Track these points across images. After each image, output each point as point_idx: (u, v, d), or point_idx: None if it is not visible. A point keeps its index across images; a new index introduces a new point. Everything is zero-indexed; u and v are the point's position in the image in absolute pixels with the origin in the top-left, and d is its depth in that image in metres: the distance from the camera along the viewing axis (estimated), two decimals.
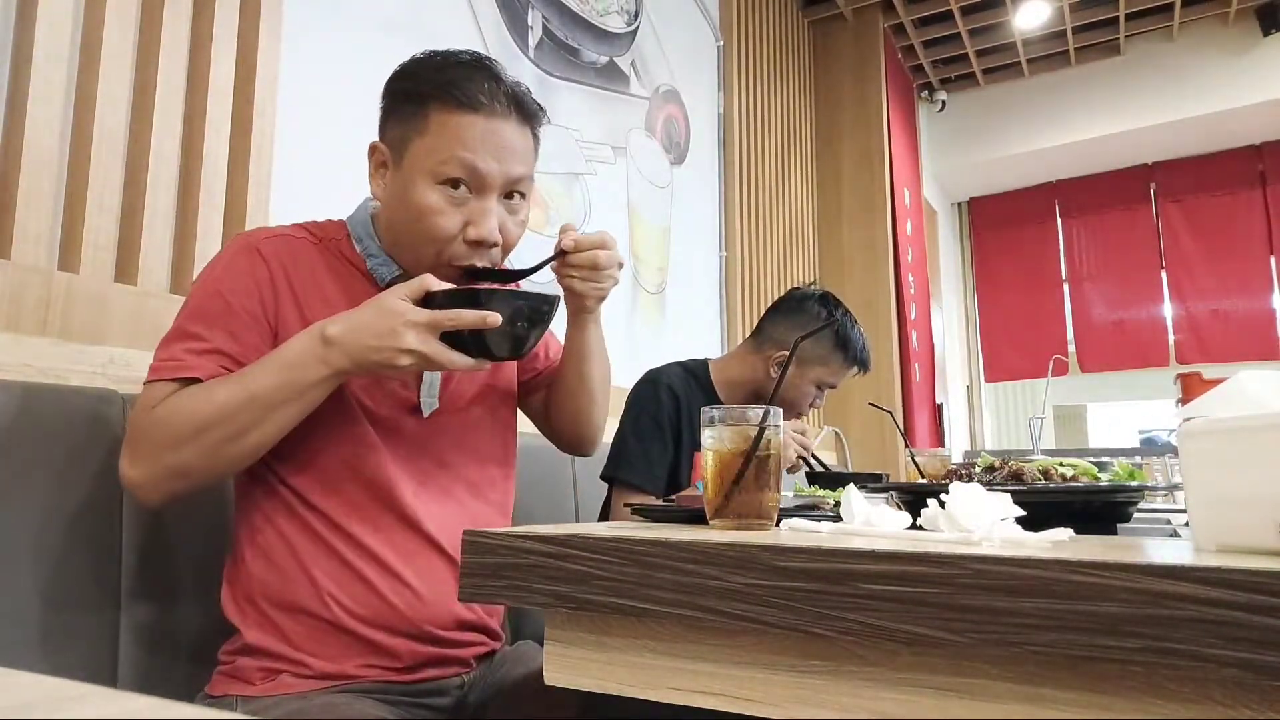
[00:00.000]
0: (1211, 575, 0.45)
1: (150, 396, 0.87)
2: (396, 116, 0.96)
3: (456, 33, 2.00)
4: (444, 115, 0.92)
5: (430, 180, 0.92)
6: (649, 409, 1.55)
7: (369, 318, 0.85)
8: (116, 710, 0.23)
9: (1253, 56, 4.42)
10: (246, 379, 0.85)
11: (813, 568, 0.56)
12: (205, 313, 0.90)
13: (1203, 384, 2.92)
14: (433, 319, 0.84)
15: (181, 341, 0.89)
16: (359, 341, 0.84)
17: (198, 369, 0.87)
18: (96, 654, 0.93)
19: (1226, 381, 0.65)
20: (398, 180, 0.95)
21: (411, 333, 0.83)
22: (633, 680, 0.66)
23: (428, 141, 0.92)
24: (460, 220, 0.94)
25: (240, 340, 0.90)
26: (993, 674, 0.54)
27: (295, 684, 0.89)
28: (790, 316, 1.66)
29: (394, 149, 0.96)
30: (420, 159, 0.93)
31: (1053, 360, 2.83)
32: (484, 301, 0.85)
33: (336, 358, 0.84)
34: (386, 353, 0.83)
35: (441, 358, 0.85)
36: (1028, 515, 0.68)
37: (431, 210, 0.92)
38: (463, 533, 0.71)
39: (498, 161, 0.93)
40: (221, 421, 0.83)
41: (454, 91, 0.92)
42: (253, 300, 0.92)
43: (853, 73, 4.11)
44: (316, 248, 0.99)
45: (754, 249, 3.33)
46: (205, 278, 0.94)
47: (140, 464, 0.85)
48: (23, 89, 1.12)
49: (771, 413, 0.81)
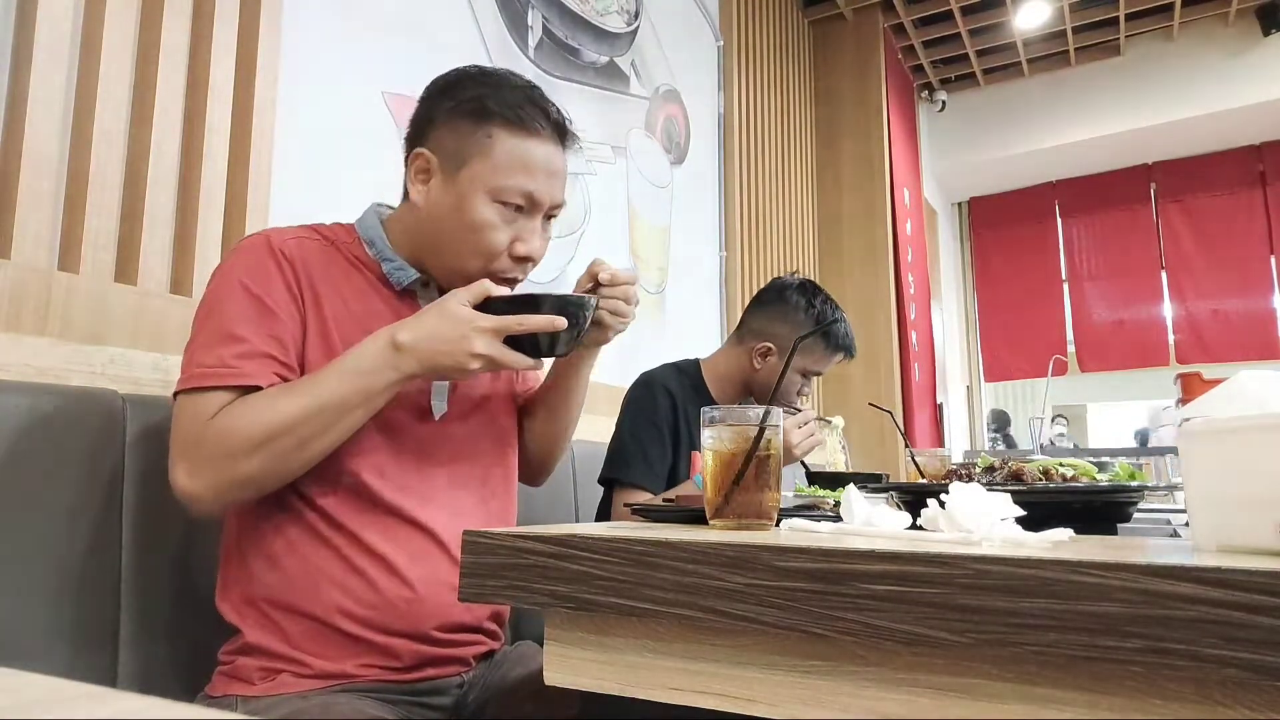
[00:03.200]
0: (1211, 575, 0.45)
1: (205, 405, 0.86)
2: (451, 129, 0.98)
3: (456, 33, 2.00)
4: (509, 138, 0.97)
5: (489, 198, 0.96)
6: (646, 410, 1.55)
7: (438, 324, 0.88)
8: (116, 710, 0.23)
9: (1253, 56, 4.42)
10: (316, 386, 0.86)
11: (813, 568, 0.56)
12: (244, 314, 0.89)
13: (1203, 384, 2.92)
14: (501, 324, 0.88)
15: (225, 345, 0.88)
16: (430, 347, 0.87)
17: (257, 376, 0.87)
18: (96, 654, 0.93)
19: (1226, 381, 0.66)
20: (450, 191, 0.97)
21: (481, 338, 0.87)
22: (633, 680, 0.66)
23: (491, 162, 0.96)
24: (510, 236, 0.98)
25: (284, 343, 0.91)
26: (993, 674, 0.54)
27: (295, 684, 0.89)
28: (771, 307, 1.67)
29: (447, 160, 0.98)
30: (482, 177, 0.96)
31: (1053, 360, 2.83)
32: (540, 306, 0.90)
33: (407, 363, 0.87)
34: (459, 356, 0.87)
35: (508, 359, 0.89)
36: (1028, 515, 0.68)
37: (488, 226, 0.96)
38: (463, 533, 0.71)
39: (549, 187, 1.00)
40: (291, 429, 0.84)
41: (520, 115, 0.97)
42: (288, 301, 0.92)
43: (853, 73, 4.11)
44: (330, 250, 1.00)
45: (754, 249, 3.33)
46: (230, 278, 0.92)
47: (202, 475, 0.84)
48: (23, 89, 1.12)
49: (772, 413, 0.81)
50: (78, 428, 0.95)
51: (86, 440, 0.95)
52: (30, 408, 0.91)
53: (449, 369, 0.88)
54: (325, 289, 0.96)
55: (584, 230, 2.38)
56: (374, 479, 0.94)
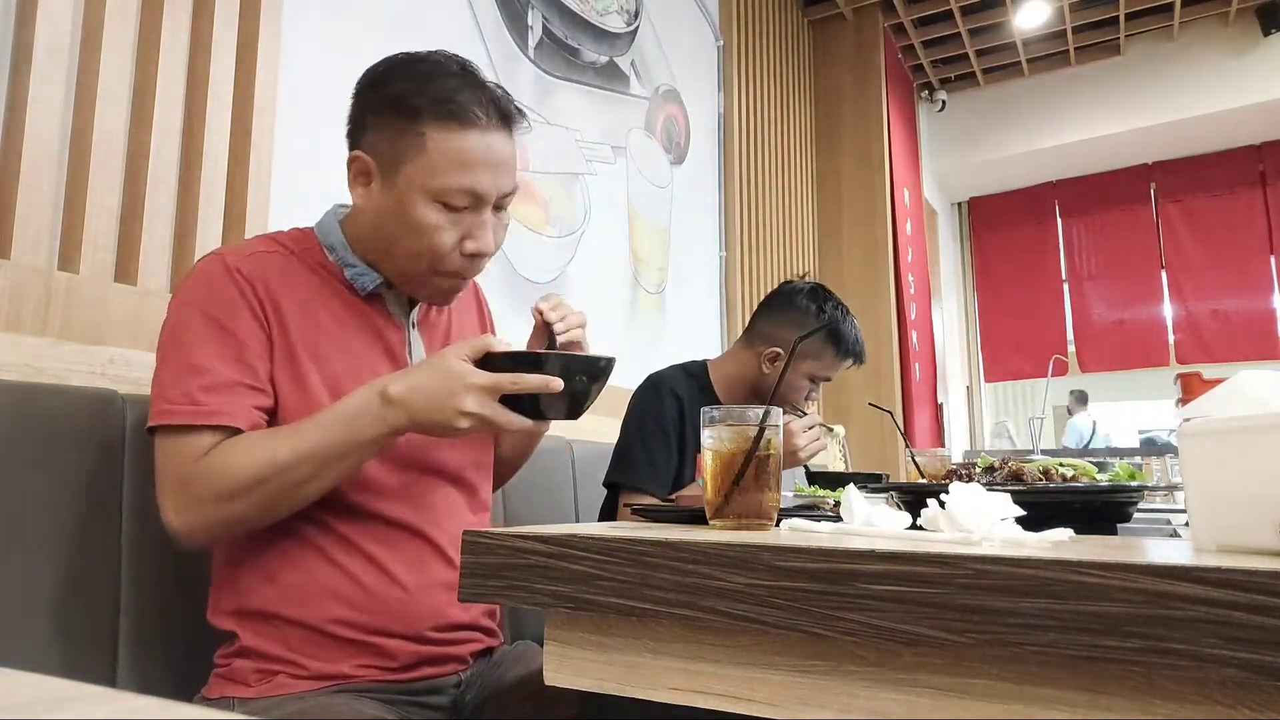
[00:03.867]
0: (1211, 575, 0.45)
1: (189, 446, 0.85)
2: (381, 128, 0.93)
3: (456, 33, 2.00)
4: (441, 134, 0.90)
5: (429, 199, 0.91)
6: (653, 413, 1.54)
7: (430, 379, 0.85)
8: (116, 710, 0.23)
9: (1253, 56, 4.42)
10: (303, 434, 0.85)
11: (813, 568, 0.56)
12: (205, 343, 0.87)
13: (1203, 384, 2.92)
14: (494, 382, 0.84)
15: (190, 377, 0.86)
16: (421, 403, 0.85)
17: (235, 416, 0.86)
18: (96, 654, 0.93)
19: (1226, 381, 0.66)
20: (389, 195, 0.93)
21: (472, 396, 0.84)
22: (633, 680, 0.66)
23: (426, 161, 0.90)
24: (457, 235, 0.93)
25: (251, 367, 0.89)
26: (993, 674, 0.54)
27: (292, 685, 0.89)
28: (781, 312, 1.65)
29: (383, 163, 0.93)
30: (418, 178, 0.91)
31: (1053, 360, 2.83)
32: (544, 365, 0.86)
33: (396, 416, 0.85)
34: (447, 413, 0.84)
35: (500, 419, 0.86)
36: (1028, 515, 0.68)
37: (431, 228, 0.92)
38: (463, 533, 0.70)
39: (494, 179, 0.93)
40: (278, 476, 0.84)
41: (450, 107, 0.90)
42: (250, 322, 0.90)
43: (853, 73, 4.11)
44: (291, 259, 0.97)
45: (754, 249, 3.33)
46: (187, 305, 0.90)
47: (189, 514, 0.84)
48: (23, 89, 1.12)
49: (772, 413, 0.81)
50: (78, 428, 0.94)
51: (86, 440, 0.95)
52: (30, 408, 0.91)
53: (438, 425, 0.85)
54: (288, 304, 0.93)
55: (584, 230, 2.38)
56: (361, 485, 0.94)
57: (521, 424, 0.88)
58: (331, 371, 0.93)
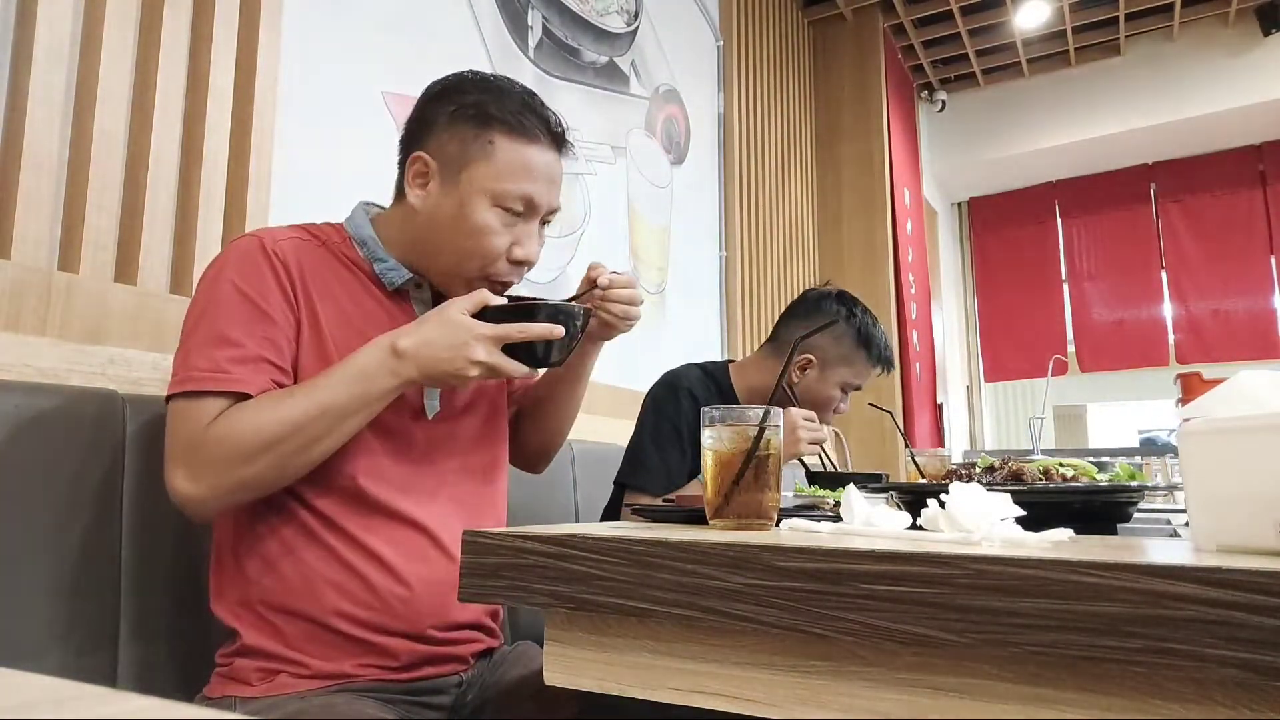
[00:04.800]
0: (1211, 575, 0.45)
1: (201, 410, 0.86)
2: (452, 133, 0.99)
3: (456, 33, 2.00)
4: (509, 144, 0.98)
5: (490, 203, 0.97)
6: (668, 414, 1.51)
7: (439, 331, 0.89)
8: (116, 710, 0.23)
9: (1253, 56, 4.42)
10: (315, 391, 0.87)
11: (813, 568, 0.56)
12: (237, 317, 0.90)
13: (1203, 384, 2.92)
14: (502, 331, 0.90)
15: (219, 348, 0.88)
16: (431, 354, 0.88)
17: (250, 383, 0.87)
18: (96, 654, 0.93)
19: (1226, 381, 0.65)
20: (449, 196, 0.98)
21: (481, 345, 0.89)
22: (633, 680, 0.66)
23: (493, 167, 0.97)
24: (508, 240, 0.99)
25: (278, 346, 0.91)
26: (993, 674, 0.54)
27: (293, 684, 0.89)
28: (808, 318, 1.62)
29: (447, 165, 0.98)
30: (483, 181, 0.97)
31: (1053, 360, 2.83)
32: (536, 314, 0.92)
33: (407, 369, 0.88)
34: (459, 363, 0.88)
35: (507, 367, 0.91)
36: (1028, 515, 0.68)
37: (489, 230, 0.98)
38: (463, 533, 0.71)
39: (548, 192, 1.01)
40: (292, 434, 0.85)
41: (522, 121, 0.98)
42: (282, 303, 0.92)
43: (853, 73, 4.11)
44: (322, 250, 1.00)
45: (754, 249, 3.33)
46: (221, 279, 0.92)
47: (202, 480, 0.85)
48: (23, 89, 1.12)
49: (772, 413, 0.81)
50: (78, 428, 0.95)
51: (86, 440, 0.95)
52: (30, 408, 0.91)
53: (448, 375, 0.89)
54: (319, 290, 0.96)
55: (584, 230, 2.38)
56: (369, 479, 0.94)
57: (523, 371, 0.93)
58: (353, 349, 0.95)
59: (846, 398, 1.65)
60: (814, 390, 1.60)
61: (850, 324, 1.59)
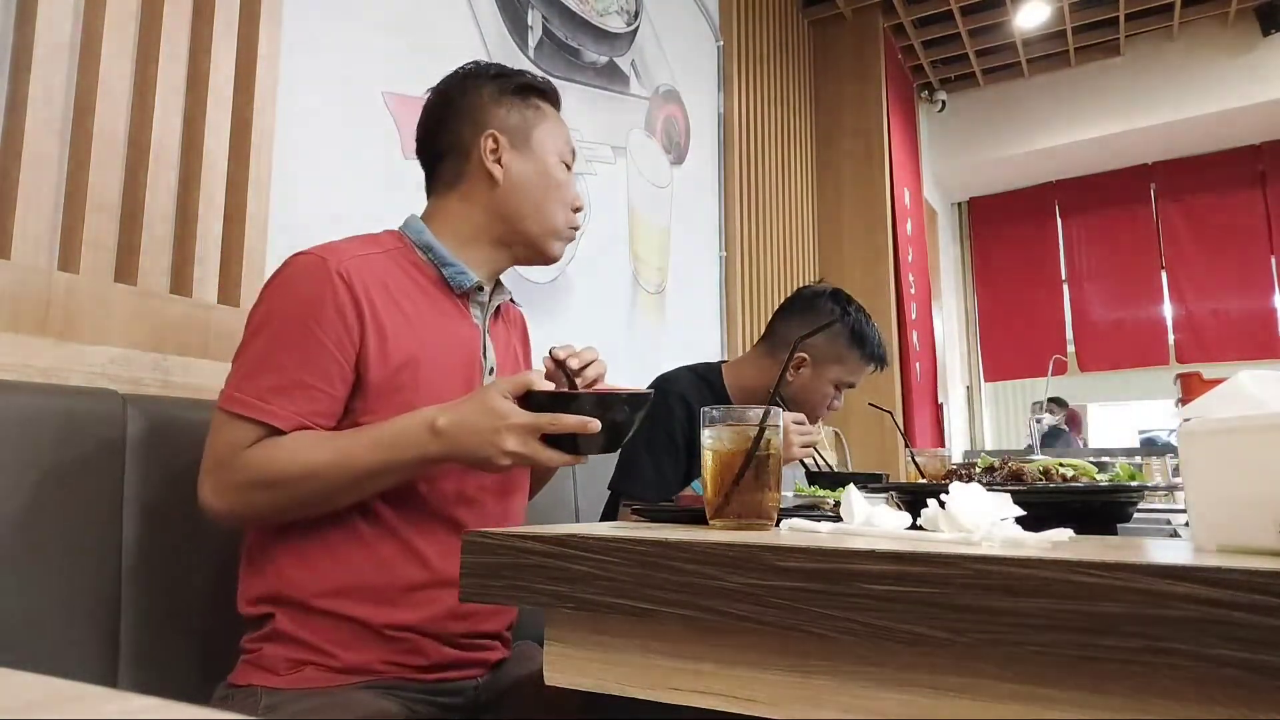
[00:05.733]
0: (1211, 575, 0.45)
1: (238, 434, 0.88)
2: (507, 107, 1.08)
3: (456, 33, 2.00)
4: (549, 109, 1.12)
5: (557, 158, 1.10)
6: (661, 420, 1.50)
7: (475, 415, 0.89)
8: (116, 710, 0.23)
9: (1253, 56, 4.42)
10: (348, 448, 0.88)
11: (813, 568, 0.56)
12: (289, 344, 0.91)
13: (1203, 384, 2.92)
14: (534, 422, 0.88)
15: (265, 373, 0.90)
16: (465, 439, 0.88)
17: (280, 418, 0.88)
18: (96, 654, 0.93)
19: (1226, 381, 0.65)
20: (528, 160, 1.08)
21: (514, 436, 0.88)
22: (633, 680, 0.66)
23: (549, 128, 1.10)
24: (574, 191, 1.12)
25: (328, 376, 0.91)
26: (993, 674, 0.54)
27: (319, 678, 0.89)
28: (802, 316, 1.62)
29: (514, 134, 1.08)
30: (548, 141, 1.09)
31: (1052, 360, 2.83)
32: (581, 403, 0.89)
33: (440, 448, 0.89)
34: (489, 450, 0.88)
35: (540, 457, 0.89)
36: (1028, 515, 0.68)
37: (566, 182, 1.11)
38: (463, 534, 0.71)
39: None
40: (314, 480, 0.88)
41: (543, 88, 1.12)
42: (343, 336, 0.92)
43: (853, 73, 4.11)
44: (387, 261, 1.00)
45: (754, 249, 3.33)
46: (285, 301, 0.93)
47: (224, 499, 0.88)
48: (23, 89, 1.12)
49: (771, 413, 0.81)
50: (78, 428, 0.94)
51: (86, 440, 0.95)
52: (30, 408, 0.91)
53: (480, 460, 0.89)
54: (382, 299, 0.96)
55: (584, 230, 2.38)
56: (426, 482, 0.96)
57: (561, 460, 0.91)
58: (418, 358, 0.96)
59: (840, 395, 1.65)
60: (808, 388, 1.60)
61: (844, 322, 1.58)
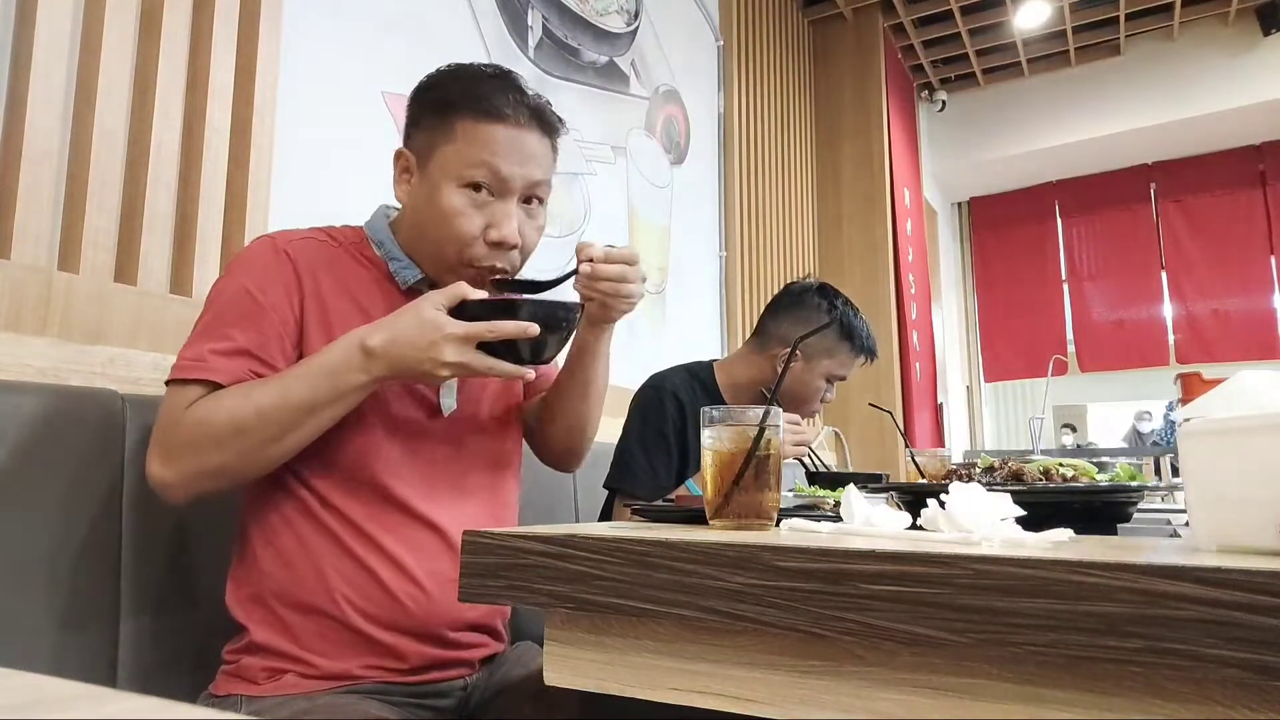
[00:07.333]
0: (1211, 575, 0.45)
1: (181, 397, 0.87)
2: (423, 126, 1.00)
3: (456, 33, 2.00)
4: (470, 124, 0.96)
5: (455, 184, 0.96)
6: (654, 419, 1.52)
7: (408, 329, 0.86)
8: (117, 710, 0.23)
9: (1253, 56, 4.42)
10: (285, 384, 0.87)
11: (813, 568, 0.56)
12: (232, 311, 0.91)
13: (1203, 384, 2.93)
14: (470, 330, 0.86)
15: (208, 340, 0.89)
16: (399, 353, 0.86)
17: (221, 372, 0.87)
18: (96, 654, 0.93)
19: (1226, 381, 0.65)
20: (423, 185, 0.99)
21: (450, 345, 0.86)
22: (633, 680, 0.66)
23: (454, 149, 0.96)
24: (482, 222, 0.97)
25: (266, 338, 0.91)
26: (993, 674, 0.54)
27: (300, 684, 0.89)
28: (790, 311, 1.64)
29: (419, 156, 1.00)
30: (446, 165, 0.97)
31: (1052, 360, 2.84)
32: (517, 310, 0.87)
33: (376, 367, 0.87)
34: (426, 364, 0.86)
35: (481, 366, 0.88)
36: (1028, 515, 0.68)
37: (455, 212, 0.96)
38: (463, 533, 0.71)
39: (519, 166, 0.97)
40: (260, 425, 0.85)
41: (480, 103, 0.97)
42: (282, 300, 0.93)
43: (853, 73, 4.11)
44: (338, 250, 1.00)
45: (754, 249, 3.33)
46: (231, 277, 0.94)
47: (173, 465, 0.86)
48: (23, 89, 1.12)
49: (772, 413, 0.81)
50: (78, 428, 0.94)
51: (86, 440, 0.95)
52: (30, 408, 0.91)
53: (419, 375, 0.88)
54: (331, 289, 0.96)
55: (584, 230, 2.38)
56: (388, 477, 0.94)
57: (504, 370, 0.89)
58: None
59: (832, 388, 1.66)
60: (800, 383, 1.61)
61: (832, 317, 1.59)
